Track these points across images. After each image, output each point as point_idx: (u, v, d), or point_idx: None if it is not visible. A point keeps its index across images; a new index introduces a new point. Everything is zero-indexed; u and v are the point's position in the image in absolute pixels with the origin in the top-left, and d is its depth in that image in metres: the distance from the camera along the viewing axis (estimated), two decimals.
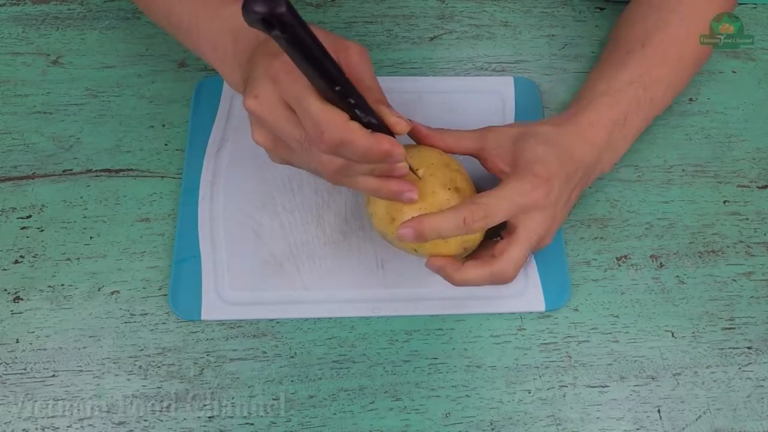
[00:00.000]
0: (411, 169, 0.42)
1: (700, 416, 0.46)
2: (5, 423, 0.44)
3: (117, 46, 0.58)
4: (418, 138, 0.46)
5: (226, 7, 0.43)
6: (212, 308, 0.47)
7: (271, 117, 0.37)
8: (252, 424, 0.44)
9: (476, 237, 0.44)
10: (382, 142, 0.37)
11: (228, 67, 0.43)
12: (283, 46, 0.31)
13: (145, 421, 0.44)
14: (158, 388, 0.45)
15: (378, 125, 0.38)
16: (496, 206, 0.41)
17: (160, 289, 0.48)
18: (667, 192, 0.53)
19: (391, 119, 0.39)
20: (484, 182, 0.47)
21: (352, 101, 0.36)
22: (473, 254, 0.45)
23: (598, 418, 0.45)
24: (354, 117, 0.36)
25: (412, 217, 0.40)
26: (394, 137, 0.39)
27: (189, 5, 0.45)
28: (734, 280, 0.50)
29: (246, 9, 0.29)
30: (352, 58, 0.36)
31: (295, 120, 0.37)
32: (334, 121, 0.35)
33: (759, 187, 0.54)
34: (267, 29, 0.30)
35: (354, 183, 0.40)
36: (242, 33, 0.42)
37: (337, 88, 0.35)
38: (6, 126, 0.54)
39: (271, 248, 0.49)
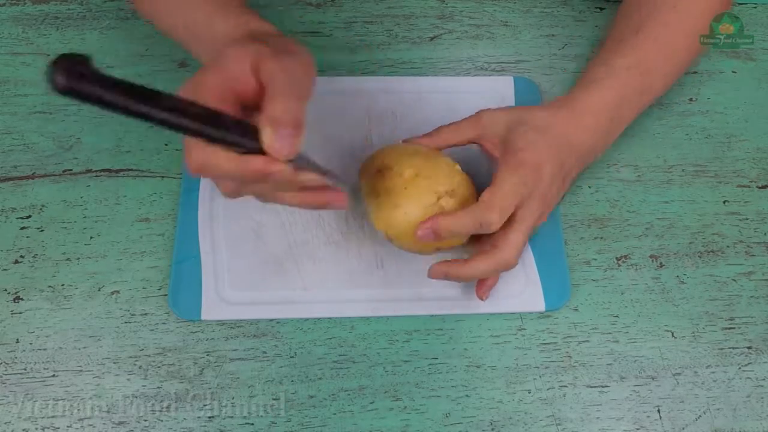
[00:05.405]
0: (392, 169, 0.42)
1: (700, 416, 0.45)
2: (5, 423, 0.44)
3: (117, 46, 0.58)
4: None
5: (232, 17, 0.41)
6: (212, 308, 0.47)
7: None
8: (252, 424, 0.44)
9: None
10: (251, 162, 0.33)
11: None
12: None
13: (145, 421, 0.44)
14: (158, 388, 0.45)
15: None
16: (502, 203, 0.42)
17: (160, 289, 0.48)
18: (667, 192, 0.53)
19: (266, 143, 0.33)
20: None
21: (217, 134, 0.32)
22: (474, 241, 0.46)
23: (598, 418, 0.45)
24: (231, 143, 0.33)
25: (429, 218, 0.42)
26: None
27: (201, 14, 0.43)
28: (734, 280, 0.50)
29: (49, 79, 0.26)
30: (274, 65, 0.34)
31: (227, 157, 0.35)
32: (195, 146, 0.34)
33: (759, 187, 0.54)
34: (80, 100, 0.27)
35: (279, 200, 0.38)
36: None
37: (184, 124, 0.31)
38: (6, 126, 0.54)
39: (271, 248, 0.49)
